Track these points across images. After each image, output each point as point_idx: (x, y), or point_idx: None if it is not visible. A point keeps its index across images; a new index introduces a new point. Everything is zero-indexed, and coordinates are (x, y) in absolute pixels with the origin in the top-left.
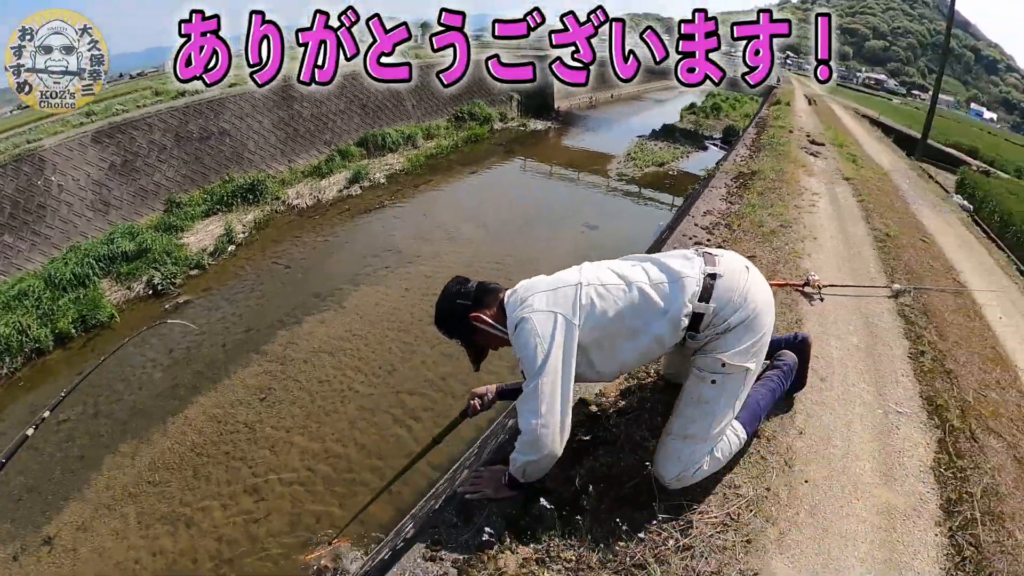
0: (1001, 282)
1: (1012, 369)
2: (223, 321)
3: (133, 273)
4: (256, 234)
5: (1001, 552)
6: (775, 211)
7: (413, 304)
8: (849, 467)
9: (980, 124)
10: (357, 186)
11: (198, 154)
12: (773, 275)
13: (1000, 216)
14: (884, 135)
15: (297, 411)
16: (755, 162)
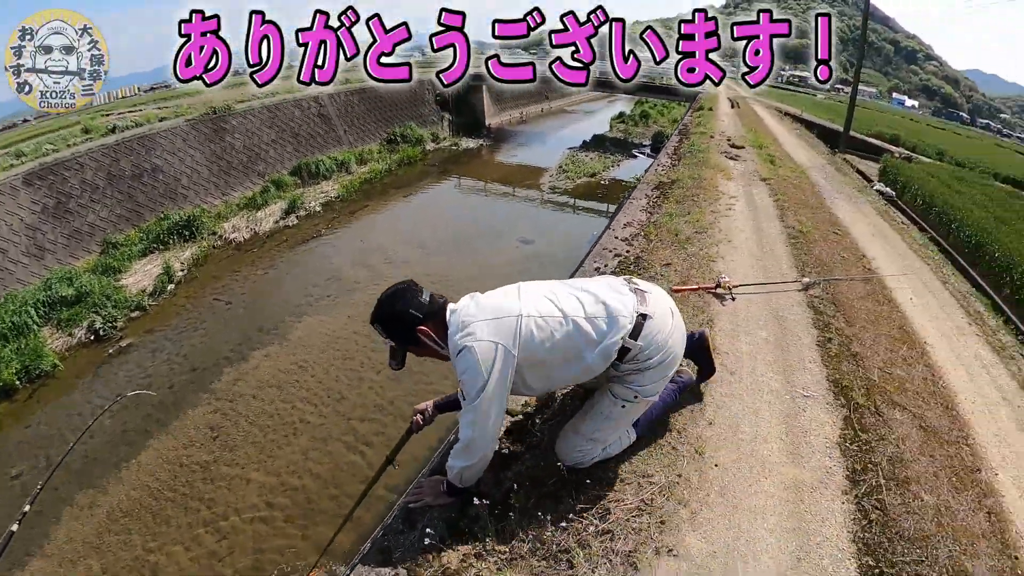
0: (913, 264)
1: (919, 345)
2: (168, 362)
3: (74, 319)
4: (195, 271)
5: (907, 513)
6: (691, 218)
7: (356, 331)
8: (757, 450)
9: (902, 112)
10: (293, 216)
11: (131, 192)
12: (687, 280)
13: (922, 199)
14: (807, 132)
15: (250, 447)
16: (675, 171)
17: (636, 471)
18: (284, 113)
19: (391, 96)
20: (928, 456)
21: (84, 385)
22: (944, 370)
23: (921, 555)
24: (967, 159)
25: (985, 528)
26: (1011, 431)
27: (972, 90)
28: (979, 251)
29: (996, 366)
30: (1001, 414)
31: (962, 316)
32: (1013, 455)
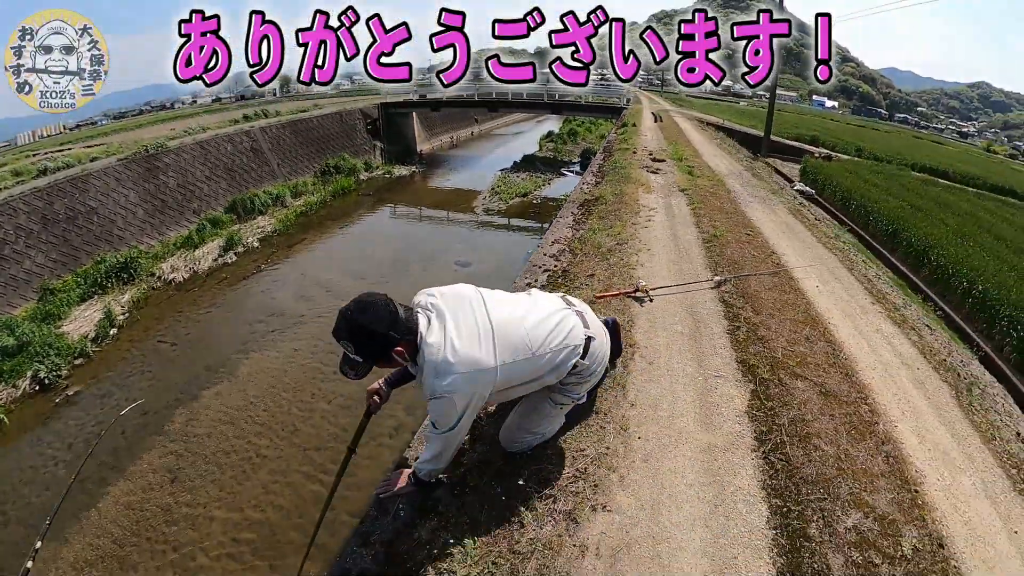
0: (821, 255)
1: (822, 325)
2: (118, 408)
3: (17, 370)
4: (136, 314)
5: (809, 461)
6: (613, 231)
7: (304, 363)
8: (675, 423)
9: (823, 113)
10: (232, 253)
11: (67, 236)
12: (608, 288)
13: (840, 194)
14: (729, 140)
15: (210, 485)
16: (599, 188)
17: (570, 447)
18: (216, 148)
19: (323, 127)
20: (828, 416)
21: (33, 437)
22: (845, 344)
23: (824, 494)
24: (885, 153)
25: (884, 469)
26: (909, 389)
27: (889, 87)
28: (896, 238)
29: (897, 336)
30: (901, 375)
31: (865, 297)
32: (911, 409)
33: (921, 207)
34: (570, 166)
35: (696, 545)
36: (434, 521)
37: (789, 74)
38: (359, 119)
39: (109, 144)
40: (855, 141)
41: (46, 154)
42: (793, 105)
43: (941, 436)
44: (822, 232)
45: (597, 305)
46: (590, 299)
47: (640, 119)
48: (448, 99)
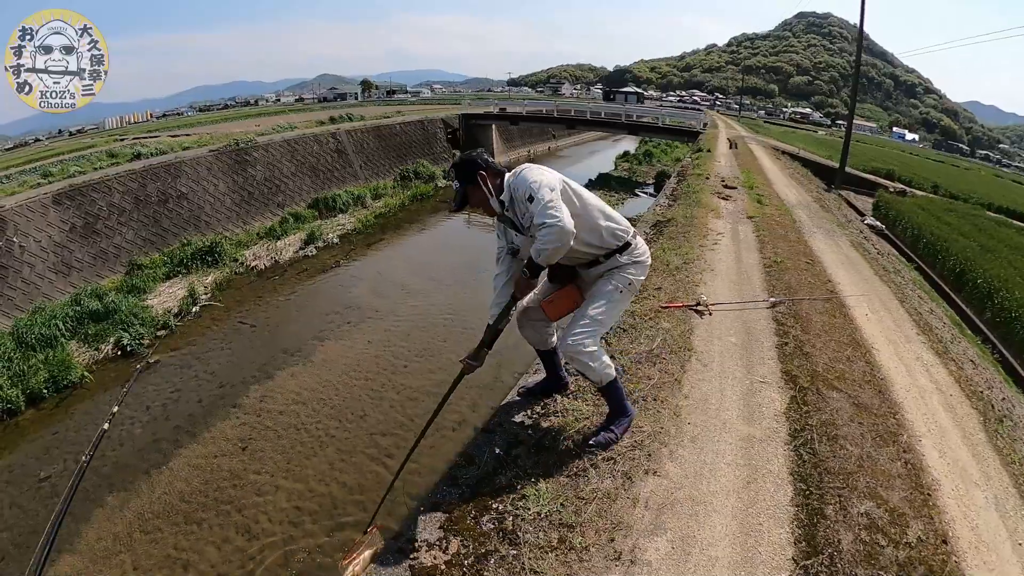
0: (875, 287)
1: (864, 347)
2: (196, 379)
3: (101, 335)
4: (219, 295)
5: (834, 457)
6: (681, 251)
7: (377, 355)
8: (721, 415)
9: (902, 146)
10: (312, 247)
11: (157, 217)
12: (673, 300)
13: (911, 231)
14: (802, 169)
15: (278, 457)
16: (671, 211)
17: (631, 425)
18: (303, 147)
19: (404, 134)
20: (857, 423)
21: (112, 397)
22: (884, 367)
23: (843, 484)
24: (962, 191)
25: (901, 472)
26: (939, 411)
27: (971, 121)
28: (962, 278)
29: (936, 366)
30: (932, 399)
31: (912, 328)
32: (937, 428)
33: (992, 248)
34: (644, 187)
35: (728, 510)
36: (513, 471)
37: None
38: (440, 128)
39: (200, 135)
40: (932, 177)
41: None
42: (872, 136)
43: (962, 454)
44: (881, 266)
45: (660, 315)
46: (656, 308)
47: (715, 145)
48: (528, 114)
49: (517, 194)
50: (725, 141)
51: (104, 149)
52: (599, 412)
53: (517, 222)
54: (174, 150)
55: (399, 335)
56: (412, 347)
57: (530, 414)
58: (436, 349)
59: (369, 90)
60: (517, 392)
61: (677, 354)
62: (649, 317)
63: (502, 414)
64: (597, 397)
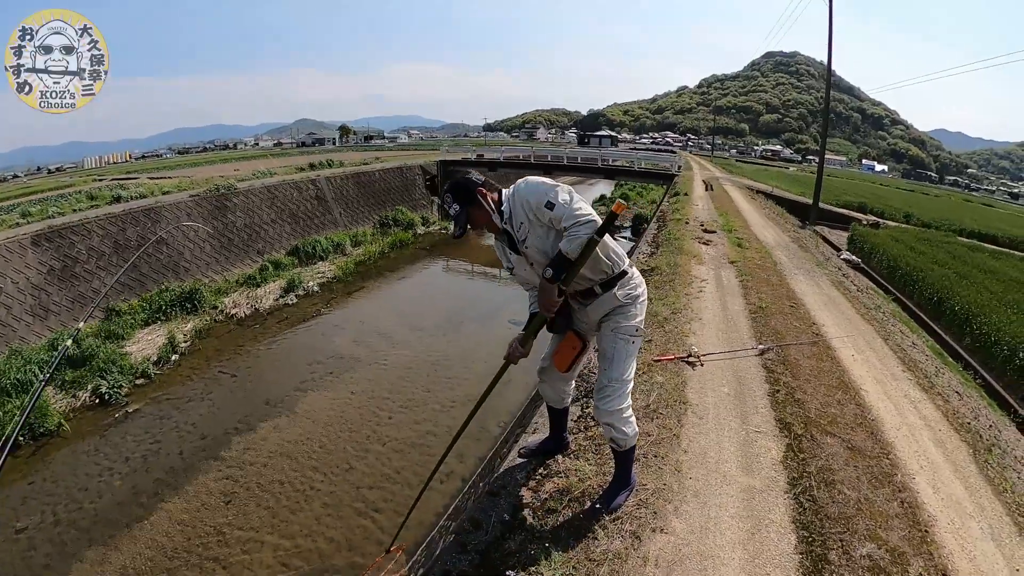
0: (859, 327)
1: (853, 389)
2: (177, 430)
3: (78, 382)
4: (198, 343)
5: (832, 502)
6: (668, 301)
7: (360, 406)
8: (721, 467)
9: (872, 177)
10: (292, 295)
11: (136, 262)
12: (665, 352)
13: (886, 263)
14: (778, 207)
15: (263, 512)
16: (654, 259)
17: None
18: (283, 194)
19: (384, 180)
20: (852, 466)
21: (90, 446)
22: (874, 407)
23: (843, 528)
24: (934, 219)
25: (898, 511)
26: (929, 448)
27: (939, 149)
28: (940, 306)
29: (923, 402)
30: (923, 436)
31: (898, 366)
32: (929, 464)
33: (966, 274)
34: (621, 230)
35: (736, 563)
36: (521, 535)
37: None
38: (418, 174)
39: (180, 179)
40: (904, 207)
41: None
42: (843, 170)
43: (955, 488)
44: (862, 304)
45: (654, 368)
46: (649, 362)
47: (692, 187)
48: (505, 160)
49: (530, 201)
50: (701, 183)
51: (84, 189)
52: (601, 472)
53: (514, 236)
54: (154, 194)
55: (383, 385)
56: (396, 398)
57: (533, 475)
58: (420, 399)
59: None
60: (518, 452)
61: (673, 408)
62: (643, 371)
63: (505, 477)
64: (598, 456)
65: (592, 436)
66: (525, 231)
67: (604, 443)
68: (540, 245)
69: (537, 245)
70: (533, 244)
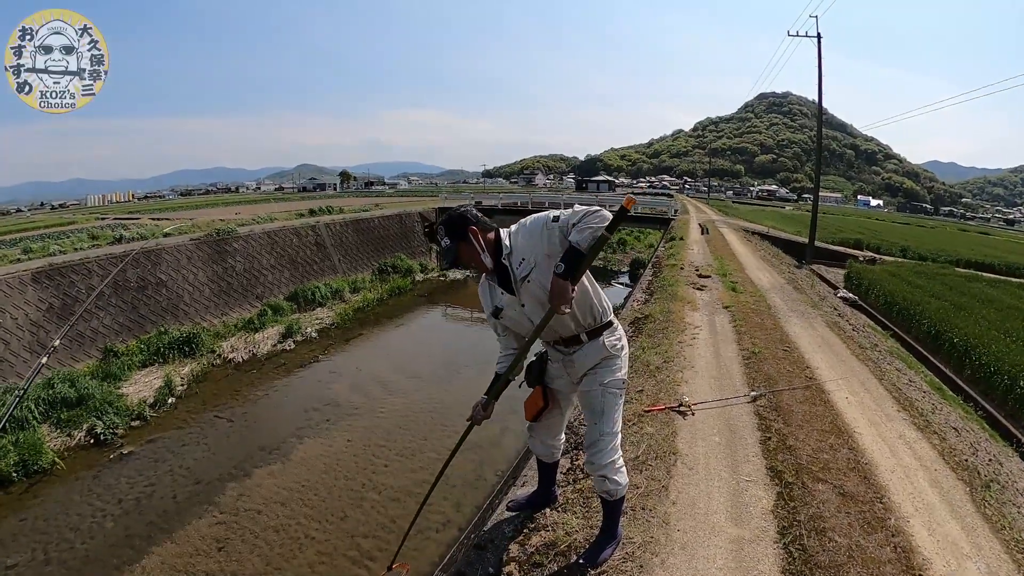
0: (853, 368)
1: (847, 433)
2: (171, 473)
3: (74, 421)
4: (195, 387)
5: (823, 551)
6: (660, 350)
7: (356, 454)
8: (710, 518)
9: (867, 212)
10: (290, 341)
11: (135, 303)
12: (656, 402)
13: (884, 298)
14: (773, 248)
15: (256, 559)
16: (648, 306)
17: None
18: (283, 239)
19: (383, 227)
20: (844, 513)
21: (83, 486)
22: (867, 450)
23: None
24: (930, 251)
25: (891, 557)
26: (925, 488)
27: (932, 180)
28: (938, 339)
29: (919, 441)
30: (918, 477)
31: (892, 406)
32: (924, 506)
33: (964, 306)
34: (619, 276)
35: None
36: None
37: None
38: (417, 221)
39: (182, 221)
40: (900, 240)
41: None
42: (838, 207)
43: (951, 528)
44: (857, 344)
45: (644, 419)
46: (639, 412)
47: (687, 231)
48: (503, 207)
49: (537, 227)
50: (696, 227)
51: (85, 227)
52: (588, 525)
53: (513, 272)
54: (155, 236)
55: (379, 433)
56: (393, 446)
57: (521, 529)
58: (417, 448)
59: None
60: (506, 506)
61: (663, 459)
62: (632, 422)
63: (493, 530)
64: (586, 509)
65: (580, 489)
66: (528, 267)
67: (592, 496)
68: (543, 281)
69: (541, 281)
70: (536, 279)
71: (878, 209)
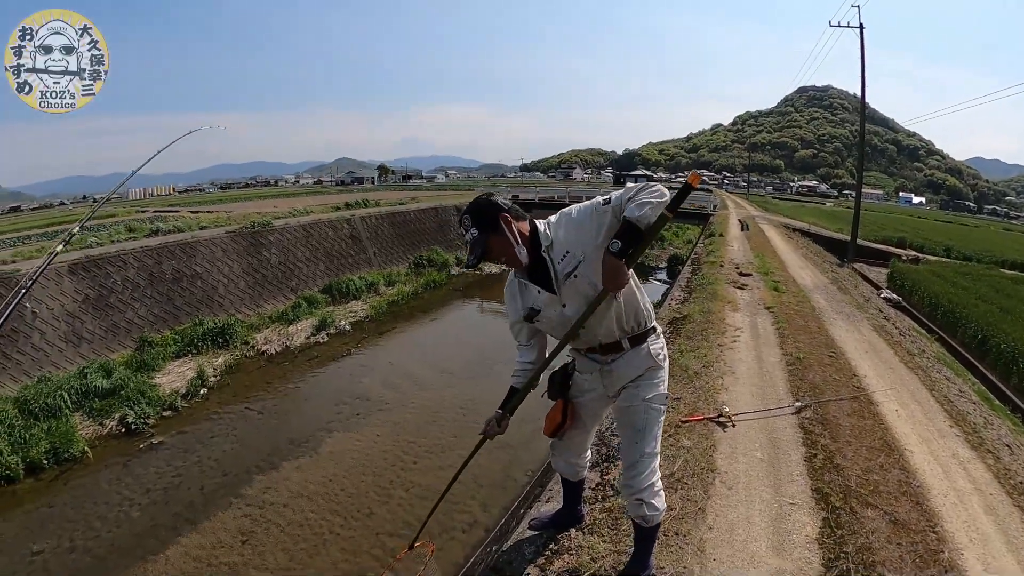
0: (902, 377)
1: (897, 451)
2: (199, 464)
3: (106, 410)
4: (227, 378)
5: None
6: (699, 353)
7: (385, 449)
8: (749, 547)
9: (909, 210)
10: (324, 333)
11: (170, 295)
12: (694, 411)
13: (928, 300)
14: (815, 246)
15: (280, 554)
16: (687, 306)
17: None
18: (318, 232)
19: (419, 221)
20: (895, 544)
21: (112, 475)
22: (919, 471)
23: None
24: (975, 251)
25: None
26: (980, 515)
27: (976, 178)
28: (984, 345)
29: (973, 461)
30: (972, 502)
31: (944, 420)
32: (979, 536)
33: (1011, 309)
34: (656, 271)
35: None
36: None
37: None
38: (453, 215)
39: (219, 214)
40: (943, 239)
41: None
42: (880, 203)
43: (1007, 563)
44: (905, 350)
45: (681, 430)
46: (676, 423)
47: (727, 227)
48: (540, 200)
49: (584, 215)
50: (736, 223)
51: (124, 220)
52: (616, 551)
53: (554, 268)
54: (191, 228)
55: (409, 429)
56: (422, 442)
57: (541, 550)
58: (447, 445)
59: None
60: (529, 524)
61: (700, 477)
62: (669, 434)
63: (512, 551)
64: (614, 532)
65: (609, 508)
66: (574, 261)
67: (621, 517)
68: (593, 277)
69: (589, 276)
70: (585, 274)
71: (920, 207)
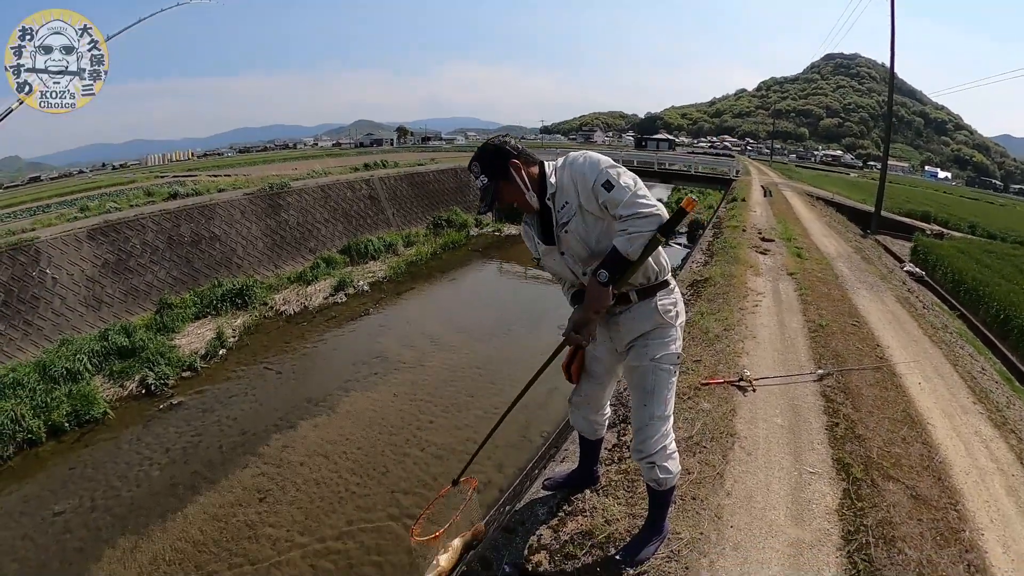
0: (926, 350)
1: (920, 424)
2: (218, 423)
3: (126, 371)
4: (246, 339)
5: (891, 564)
6: (721, 316)
7: (402, 408)
8: (767, 515)
9: (935, 185)
10: (342, 293)
11: (189, 257)
12: (715, 374)
13: (951, 276)
14: (838, 215)
15: (296, 511)
16: (708, 269)
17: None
18: (336, 193)
19: (438, 181)
20: (916, 520)
21: (133, 436)
22: (942, 446)
23: None
24: (1000, 230)
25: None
26: (1001, 496)
27: (1004, 155)
28: (1007, 324)
29: (995, 440)
30: (994, 482)
31: (968, 396)
32: (1000, 517)
33: None
34: (677, 236)
35: None
36: None
37: (901, 143)
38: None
39: (237, 177)
40: (968, 216)
41: (174, 177)
42: (905, 176)
43: None
44: (928, 323)
45: (700, 393)
46: (695, 385)
47: (749, 193)
48: None
49: (586, 177)
50: (759, 188)
51: (143, 186)
52: (631, 513)
53: (555, 216)
54: (209, 191)
55: (426, 389)
56: (438, 402)
57: (554, 511)
58: (463, 404)
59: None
60: (543, 484)
61: (719, 441)
62: (688, 396)
63: (525, 510)
64: (630, 494)
65: (625, 470)
66: (569, 213)
67: (638, 479)
68: (583, 234)
69: (579, 233)
70: (575, 231)
71: (946, 182)
